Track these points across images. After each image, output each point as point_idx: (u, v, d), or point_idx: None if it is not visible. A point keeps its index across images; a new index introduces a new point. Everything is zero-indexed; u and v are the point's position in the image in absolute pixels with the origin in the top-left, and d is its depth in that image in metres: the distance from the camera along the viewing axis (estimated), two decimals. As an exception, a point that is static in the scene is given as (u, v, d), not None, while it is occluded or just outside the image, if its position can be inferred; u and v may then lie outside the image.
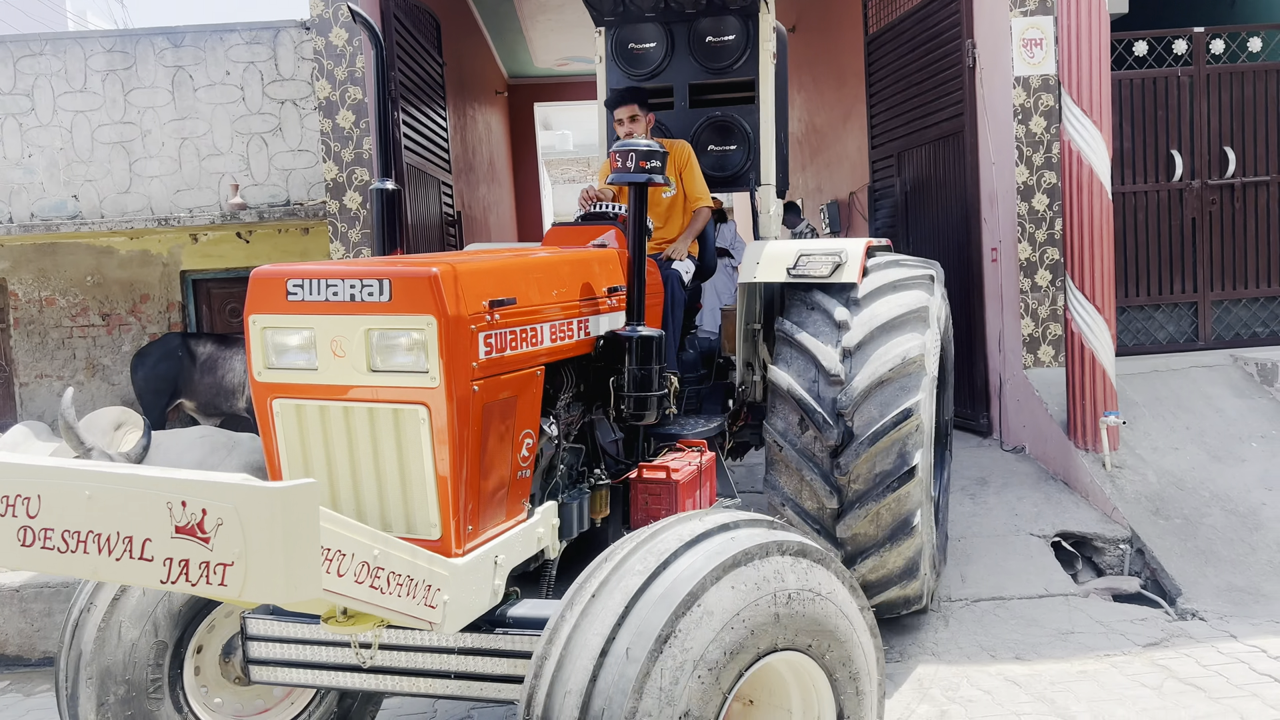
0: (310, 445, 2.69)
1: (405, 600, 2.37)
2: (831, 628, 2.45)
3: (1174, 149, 7.18)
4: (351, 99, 6.89)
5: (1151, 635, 4.63)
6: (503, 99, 15.86)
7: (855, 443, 4.06)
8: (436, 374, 2.53)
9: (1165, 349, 7.31)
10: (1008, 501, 6.14)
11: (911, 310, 4.29)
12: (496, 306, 2.74)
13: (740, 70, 5.12)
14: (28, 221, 8.38)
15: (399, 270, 2.56)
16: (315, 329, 2.60)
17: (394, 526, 2.64)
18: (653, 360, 3.41)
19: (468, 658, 2.66)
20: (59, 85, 8.38)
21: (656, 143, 3.21)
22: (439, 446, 2.57)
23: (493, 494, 2.78)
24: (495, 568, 2.73)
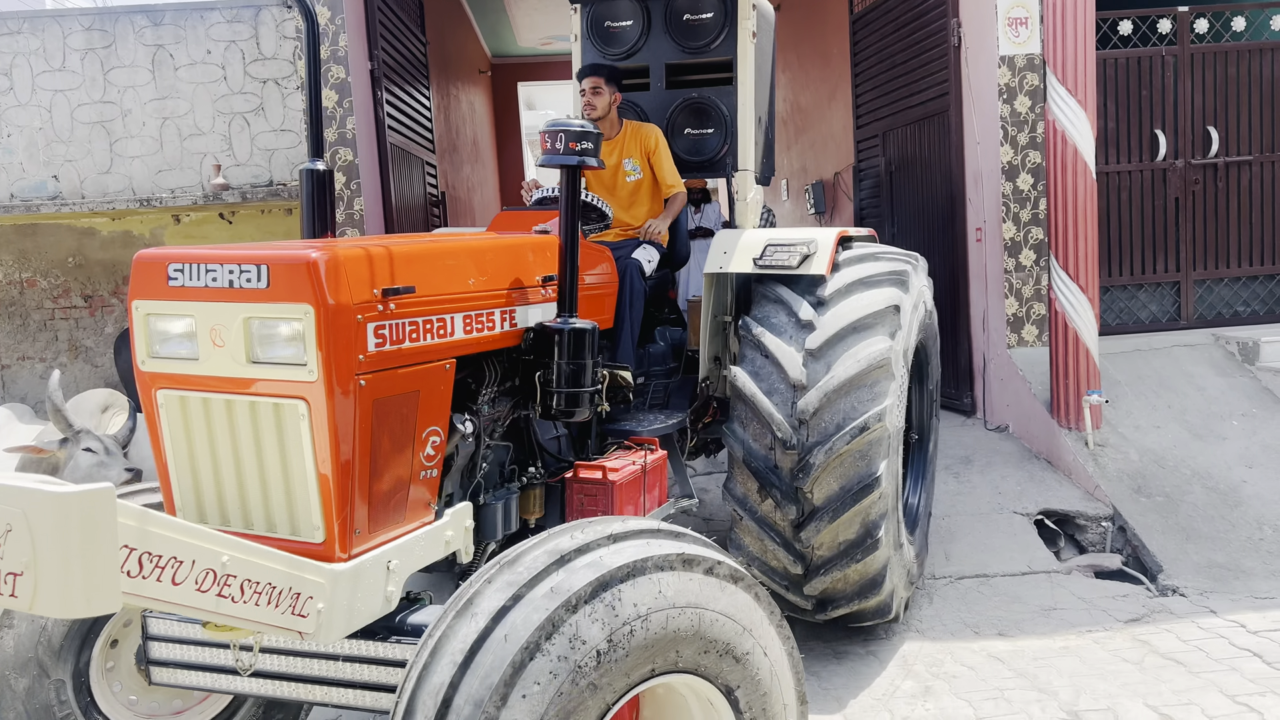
0: (195, 440, 2.56)
1: (265, 609, 2.23)
2: (726, 644, 2.22)
3: (1158, 128, 7.20)
4: (334, 78, 6.83)
5: (1133, 611, 4.68)
6: (486, 78, 15.75)
7: (816, 451, 3.87)
8: (315, 367, 2.38)
9: (1148, 328, 7.37)
10: (991, 480, 6.19)
11: (881, 309, 4.09)
12: (391, 295, 2.58)
13: (718, 50, 4.94)
14: (7, 202, 8.29)
15: (277, 255, 2.41)
16: (195, 317, 2.48)
17: (279, 528, 2.51)
18: (585, 354, 3.24)
19: (353, 665, 2.54)
20: (37, 64, 8.27)
21: (590, 124, 3.06)
22: (320, 444, 2.42)
23: (387, 495, 2.62)
24: (388, 573, 2.56)
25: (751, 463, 3.99)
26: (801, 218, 12.21)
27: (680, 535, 2.35)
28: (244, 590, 2.19)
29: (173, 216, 8.80)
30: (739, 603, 2.29)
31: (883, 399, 3.91)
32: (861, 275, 4.23)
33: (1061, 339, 6.08)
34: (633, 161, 4.75)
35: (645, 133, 4.77)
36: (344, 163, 6.89)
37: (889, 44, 8.45)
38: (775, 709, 2.35)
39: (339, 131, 6.87)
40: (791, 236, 4.34)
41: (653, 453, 3.87)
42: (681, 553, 2.24)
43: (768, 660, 2.33)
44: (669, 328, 4.87)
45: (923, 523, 4.94)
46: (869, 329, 4.04)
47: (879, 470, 3.88)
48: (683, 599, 2.16)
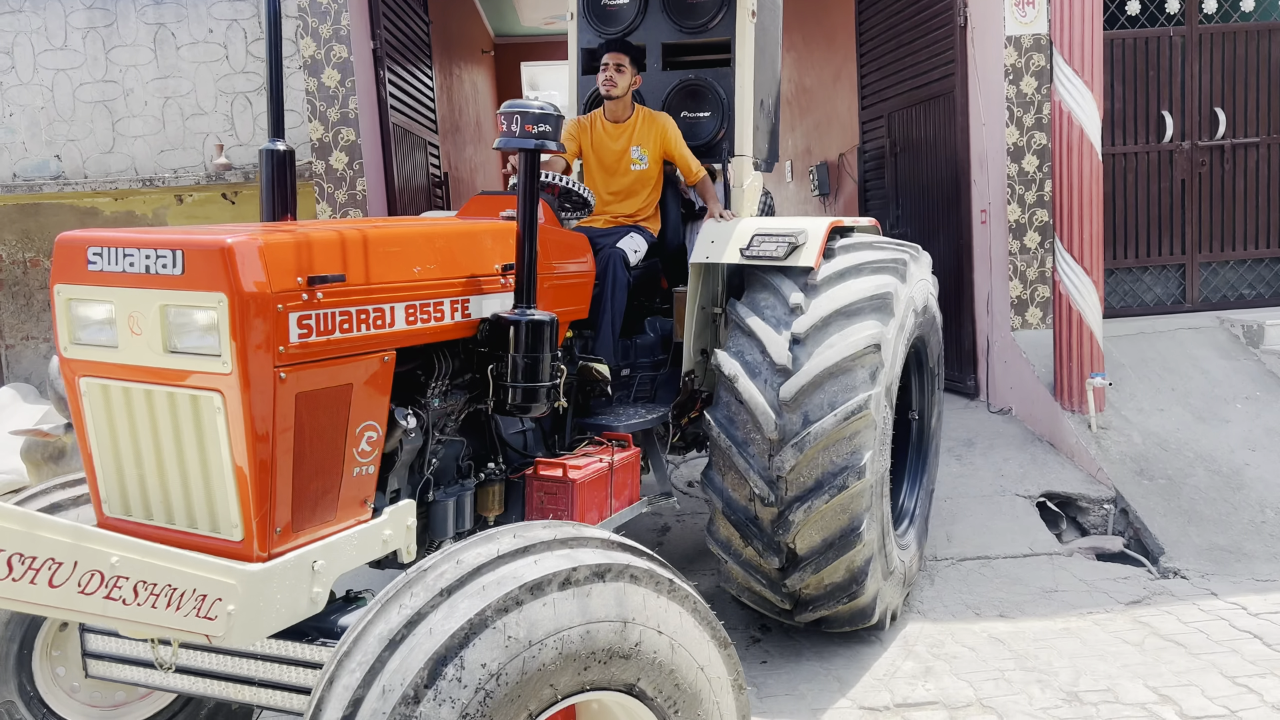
0: (118, 430, 2.48)
1: (164, 613, 2.15)
2: (606, 650, 2.06)
3: (1165, 109, 7.16)
4: (337, 57, 6.80)
5: (1134, 593, 4.69)
6: (489, 58, 15.67)
7: (796, 439, 3.72)
8: (229, 358, 2.29)
9: (1152, 311, 7.35)
10: (994, 462, 6.19)
11: (873, 295, 3.93)
12: (318, 284, 2.46)
13: (717, 30, 4.77)
14: (10, 182, 8.28)
15: (192, 240, 2.31)
16: (114, 303, 2.38)
17: (199, 524, 2.44)
18: (542, 347, 3.10)
19: (276, 666, 2.47)
20: (39, 43, 8.25)
21: (551, 105, 2.92)
22: (236, 439, 2.33)
23: (314, 493, 2.52)
24: (313, 574, 2.46)
25: (732, 449, 3.84)
26: (805, 199, 12.17)
27: (528, 548, 2.07)
28: (137, 592, 2.11)
29: (175, 197, 8.79)
30: (607, 600, 2.06)
31: (868, 387, 3.77)
32: (856, 262, 4.10)
33: (1065, 321, 6.06)
34: (641, 150, 4.61)
35: (660, 124, 4.62)
36: (346, 143, 6.86)
37: (895, 24, 8.39)
38: (689, 681, 2.18)
39: (341, 111, 6.85)
40: (781, 226, 4.20)
41: (625, 449, 3.76)
42: (524, 584, 1.98)
43: (664, 637, 2.14)
44: (660, 318, 4.73)
45: (917, 525, 4.75)
46: (858, 314, 3.90)
47: (864, 459, 3.74)
48: (539, 632, 1.95)
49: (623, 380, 4.45)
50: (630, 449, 3.81)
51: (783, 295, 3.99)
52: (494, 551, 2.04)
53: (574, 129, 4.73)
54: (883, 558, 3.99)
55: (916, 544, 4.64)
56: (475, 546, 2.09)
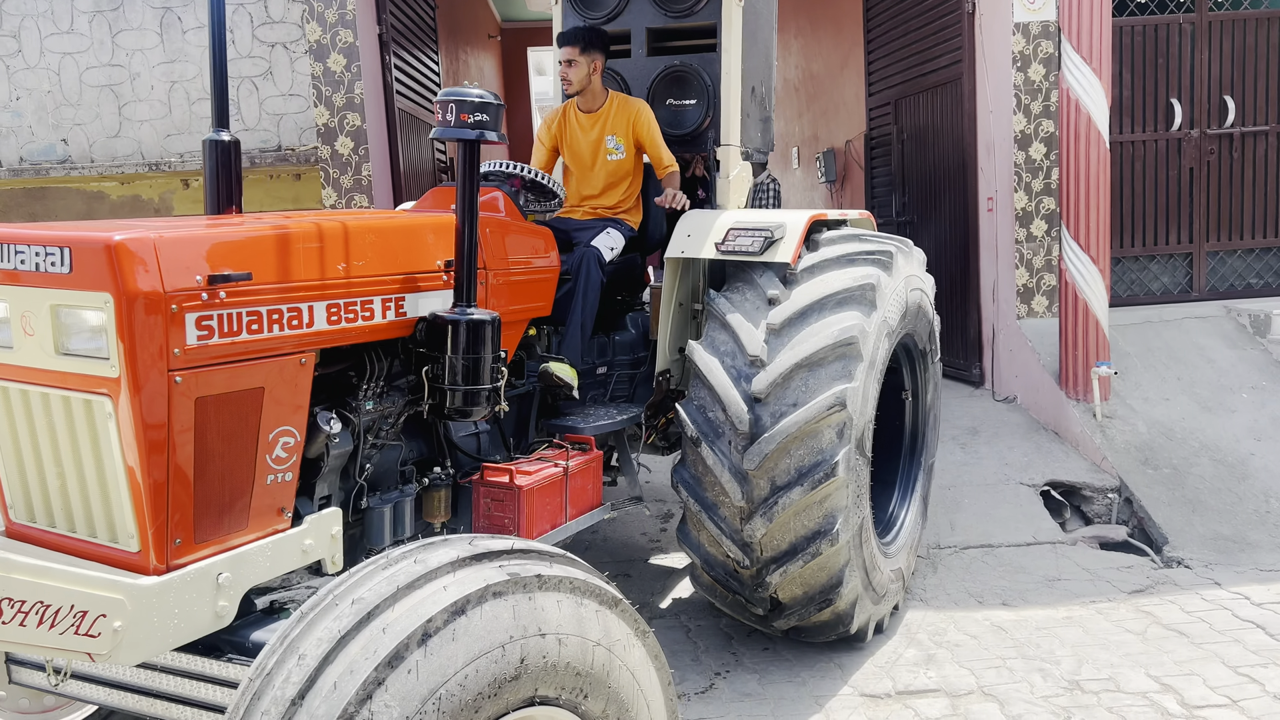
0: (19, 433, 2.40)
1: (35, 631, 2.02)
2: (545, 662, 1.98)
3: (1173, 97, 7.12)
4: (343, 42, 6.79)
5: (1137, 582, 4.70)
6: (495, 43, 15.63)
7: (767, 432, 3.53)
8: (117, 361, 2.18)
9: (1159, 300, 7.33)
10: (998, 451, 6.19)
11: (856, 286, 3.74)
12: (219, 283, 2.34)
13: (703, 14, 4.59)
14: (17, 166, 8.29)
15: (80, 237, 2.20)
16: (9, 301, 2.30)
17: (99, 534, 2.34)
18: (483, 348, 2.94)
19: (185, 681, 2.37)
20: (45, 26, 8.24)
21: (491, 93, 2.79)
22: (129, 446, 2.22)
23: (221, 501, 2.41)
24: (218, 587, 2.34)
25: (702, 443, 3.65)
26: (812, 186, 12.14)
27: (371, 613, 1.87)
28: (2, 610, 1.98)
29: (181, 181, 8.79)
30: (475, 635, 1.89)
31: (845, 380, 3.57)
32: (839, 253, 3.93)
33: (1071, 310, 6.05)
34: (616, 139, 4.44)
35: (633, 109, 4.44)
36: (352, 128, 6.86)
37: (903, 10, 8.35)
38: (588, 662, 2.07)
39: (346, 96, 6.84)
40: (758, 219, 4.02)
41: (584, 453, 3.62)
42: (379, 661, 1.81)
43: (548, 638, 2.01)
44: (641, 314, 4.56)
45: (908, 534, 4.49)
46: (838, 305, 3.71)
47: (836, 457, 3.53)
48: (413, 705, 1.78)
49: (599, 379, 4.32)
50: (591, 452, 3.66)
51: (761, 287, 3.85)
52: (335, 633, 1.85)
53: (545, 126, 4.62)
54: (870, 592, 3.93)
55: (917, 525, 4.59)
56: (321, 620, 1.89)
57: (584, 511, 3.62)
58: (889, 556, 4.18)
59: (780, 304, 3.76)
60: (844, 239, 4.10)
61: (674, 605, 4.60)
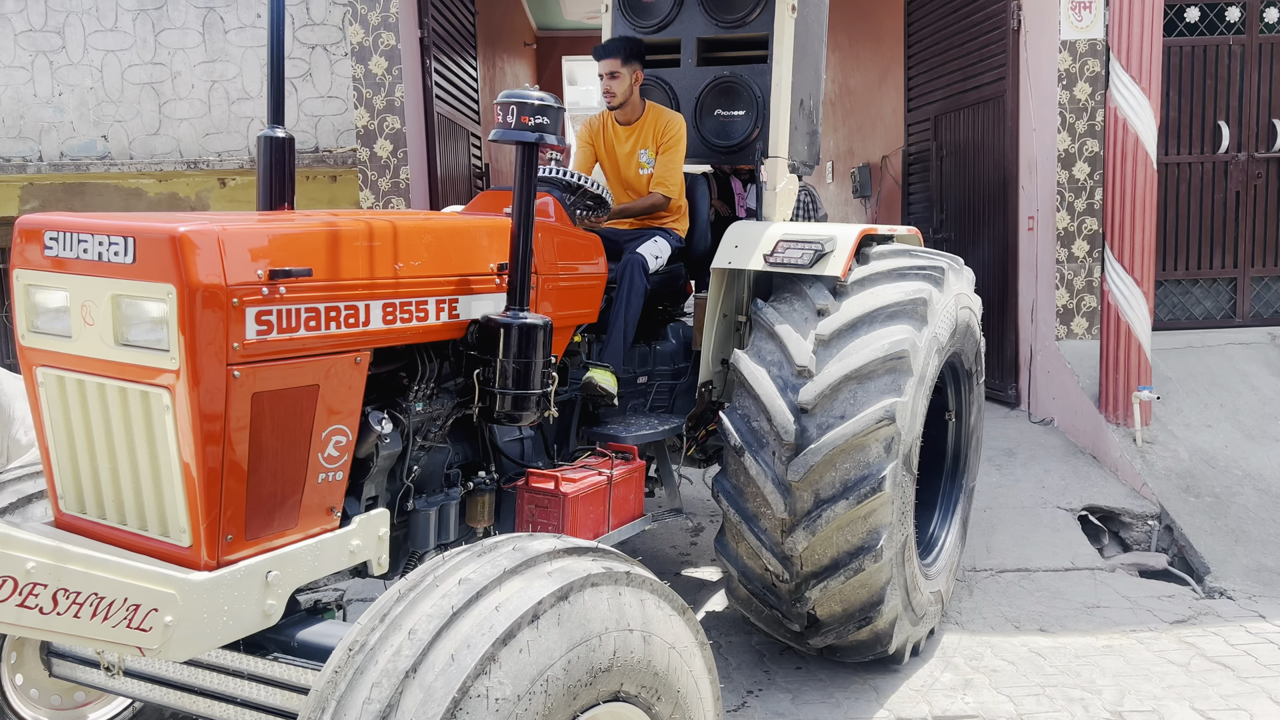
0: (73, 423, 2.39)
1: (88, 623, 2.01)
2: (631, 657, 2.04)
3: (1221, 119, 7.01)
4: (385, 45, 6.80)
5: (1179, 612, 4.59)
6: (531, 51, 15.68)
7: (813, 444, 3.47)
8: (177, 353, 2.16)
9: (1201, 325, 7.20)
10: (1035, 474, 6.09)
11: (907, 300, 3.69)
12: (280, 278, 2.32)
13: (755, 25, 4.55)
14: (57, 161, 8.37)
15: (144, 228, 2.19)
16: (69, 290, 2.28)
17: (150, 527, 2.32)
18: (533, 352, 2.91)
19: (233, 680, 2.36)
20: (90, 23, 8.32)
21: (551, 96, 2.75)
22: (185, 439, 2.19)
23: (272, 499, 2.39)
24: (266, 585, 2.32)
25: (745, 453, 3.58)
26: (846, 200, 12.06)
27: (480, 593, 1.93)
28: (57, 601, 1.98)
29: (218, 180, 8.84)
30: (575, 621, 1.96)
31: (895, 394, 3.51)
32: (890, 267, 3.89)
33: (1113, 332, 5.95)
34: (649, 154, 4.41)
35: (665, 122, 4.38)
36: (391, 131, 6.86)
37: (945, 26, 8.28)
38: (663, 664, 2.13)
39: (387, 99, 6.85)
40: (808, 232, 3.97)
41: (628, 462, 3.57)
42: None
43: (635, 634, 2.07)
44: (683, 325, 4.52)
45: (948, 556, 4.41)
46: (889, 319, 3.66)
47: (883, 471, 3.47)
48: (524, 684, 1.83)
49: (639, 388, 4.28)
50: (634, 462, 3.61)
51: (809, 298, 3.81)
52: (447, 609, 1.87)
53: (586, 132, 4.58)
54: (910, 612, 3.84)
55: (957, 547, 4.51)
56: (425, 597, 1.93)
57: (626, 521, 3.58)
58: (929, 578, 4.10)
59: (830, 315, 3.71)
60: (895, 253, 4.05)
61: (705, 620, 4.53)
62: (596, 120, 4.60)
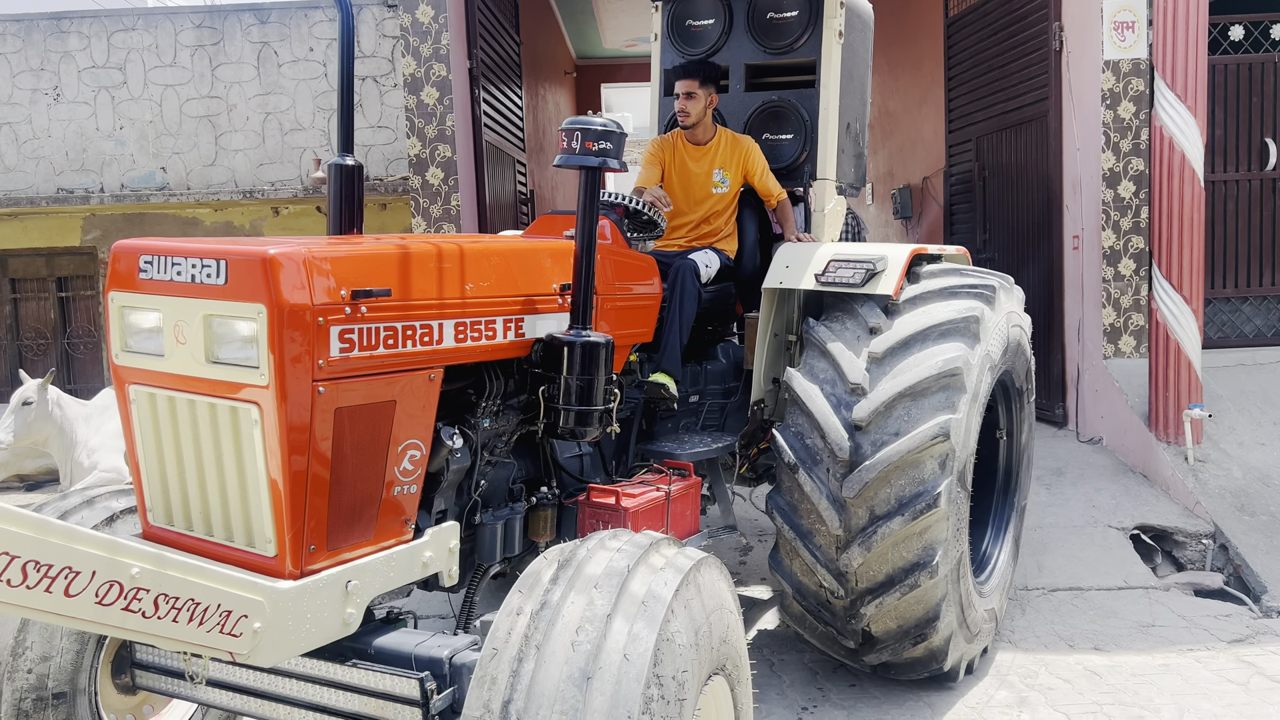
0: (163, 439, 2.48)
1: (186, 628, 2.10)
2: (734, 643, 2.34)
3: (1268, 137, 6.97)
4: (436, 75, 6.98)
5: (1236, 631, 4.55)
6: (571, 79, 15.91)
7: (868, 460, 3.51)
8: (267, 370, 2.25)
9: (1252, 343, 7.13)
10: (1085, 493, 6.06)
11: (960, 318, 3.72)
12: (362, 298, 2.42)
13: (802, 50, 4.67)
14: (118, 192, 8.65)
15: (235, 251, 2.30)
16: (163, 311, 2.38)
17: (236, 538, 2.41)
18: (596, 370, 2.99)
19: (314, 687, 2.44)
20: (150, 59, 8.62)
21: (614, 122, 2.85)
22: (272, 453, 2.28)
23: (351, 511, 2.47)
24: (346, 594, 2.41)
25: (800, 470, 3.63)
26: (886, 222, 12.09)
27: (644, 555, 2.28)
28: (158, 605, 2.05)
29: (272, 209, 9.08)
30: (733, 600, 2.42)
31: (949, 410, 3.54)
32: (941, 285, 3.93)
33: (1162, 350, 5.93)
34: (723, 173, 4.53)
35: (742, 146, 4.53)
36: (443, 159, 7.03)
37: (985, 48, 8.33)
38: (736, 639, 2.44)
39: (438, 129, 7.02)
40: (860, 252, 4.02)
41: (684, 479, 3.62)
42: (704, 556, 2.34)
43: (731, 614, 2.43)
44: (733, 345, 4.58)
45: (1001, 574, 4.41)
46: (942, 336, 3.69)
47: (939, 488, 3.49)
48: (720, 600, 2.29)
49: (691, 407, 4.33)
50: (690, 478, 3.66)
51: (861, 317, 3.86)
52: (622, 567, 2.18)
53: (657, 149, 4.68)
54: (964, 629, 3.85)
55: (1009, 566, 4.51)
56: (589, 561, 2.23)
57: (683, 536, 3.62)
58: (983, 595, 4.11)
59: (883, 333, 3.75)
60: (946, 272, 4.09)
61: (757, 638, 4.56)
62: (669, 138, 4.68)
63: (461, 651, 2.41)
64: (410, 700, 2.33)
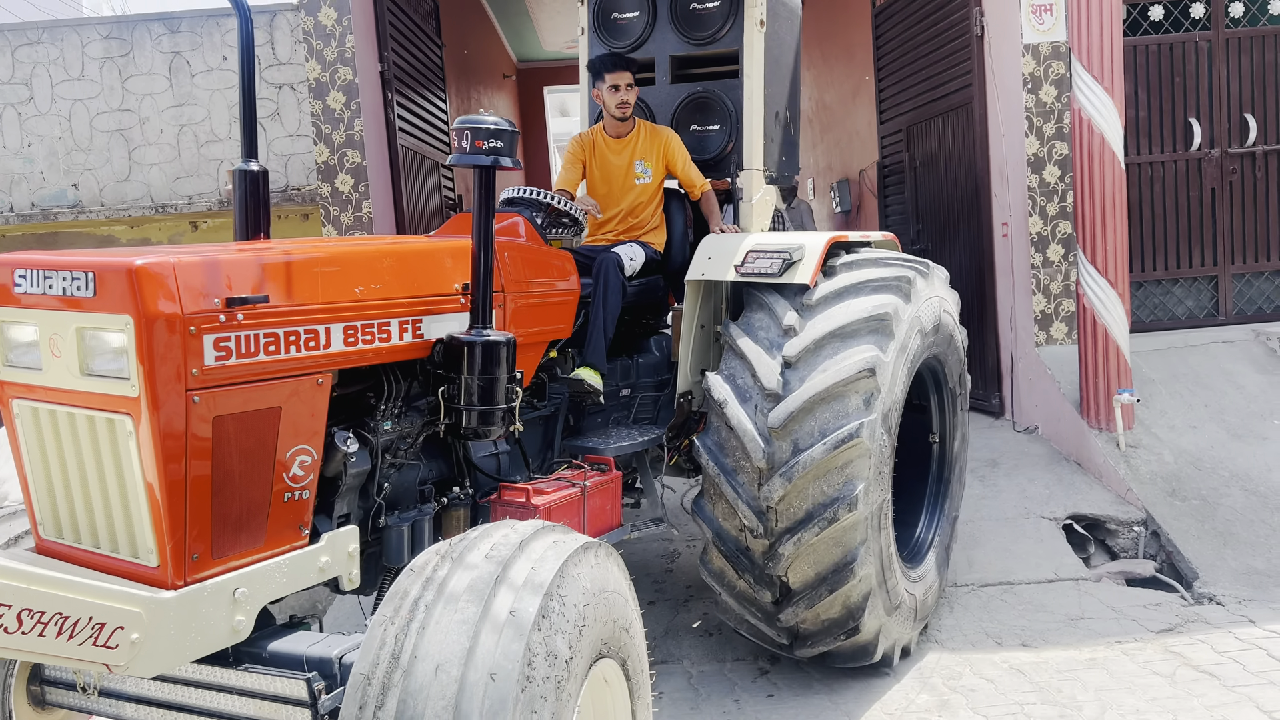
0: (48, 452, 2.50)
1: (54, 641, 2.09)
2: (627, 625, 2.40)
3: (1192, 117, 6.93)
4: (342, 80, 6.76)
5: (1165, 621, 4.45)
6: (511, 83, 15.70)
7: (784, 468, 3.53)
8: (137, 381, 2.26)
9: (1184, 324, 7.08)
10: (1018, 483, 5.96)
11: (871, 316, 3.71)
12: (237, 305, 2.42)
13: (725, 40, 4.70)
14: (28, 211, 8.34)
15: (102, 262, 2.30)
16: (38, 325, 2.41)
17: (121, 549, 2.41)
18: (497, 369, 3.01)
19: (206, 693, 2.46)
20: (57, 74, 8.31)
21: (506, 120, 2.89)
22: (148, 464, 2.30)
23: (238, 518, 2.47)
24: (235, 601, 2.42)
25: (720, 478, 3.66)
26: (828, 216, 12.00)
27: (566, 529, 2.40)
28: (21, 621, 2.05)
29: (190, 224, 8.80)
30: (625, 583, 2.45)
31: (862, 414, 3.55)
32: (855, 280, 3.87)
33: (1090, 336, 5.84)
34: (644, 164, 4.55)
35: (661, 136, 4.56)
36: (352, 165, 6.81)
37: (911, 36, 8.24)
38: (643, 689, 2.51)
39: (346, 134, 6.80)
40: (777, 242, 4.03)
41: (603, 474, 3.65)
42: (588, 538, 2.34)
43: (640, 640, 2.51)
44: (665, 337, 4.58)
45: (937, 554, 4.46)
46: (854, 336, 3.68)
47: (855, 491, 3.51)
48: (609, 581, 2.30)
49: (623, 400, 4.34)
50: (610, 473, 3.69)
51: (776, 315, 3.82)
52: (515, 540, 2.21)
53: (576, 147, 4.69)
54: (884, 593, 3.77)
55: (936, 573, 4.41)
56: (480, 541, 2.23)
57: (603, 530, 3.64)
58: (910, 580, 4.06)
59: (796, 335, 3.72)
60: (861, 264, 4.05)
61: (678, 649, 4.40)
62: (588, 135, 4.70)
63: (351, 650, 2.40)
64: (297, 701, 2.33)
